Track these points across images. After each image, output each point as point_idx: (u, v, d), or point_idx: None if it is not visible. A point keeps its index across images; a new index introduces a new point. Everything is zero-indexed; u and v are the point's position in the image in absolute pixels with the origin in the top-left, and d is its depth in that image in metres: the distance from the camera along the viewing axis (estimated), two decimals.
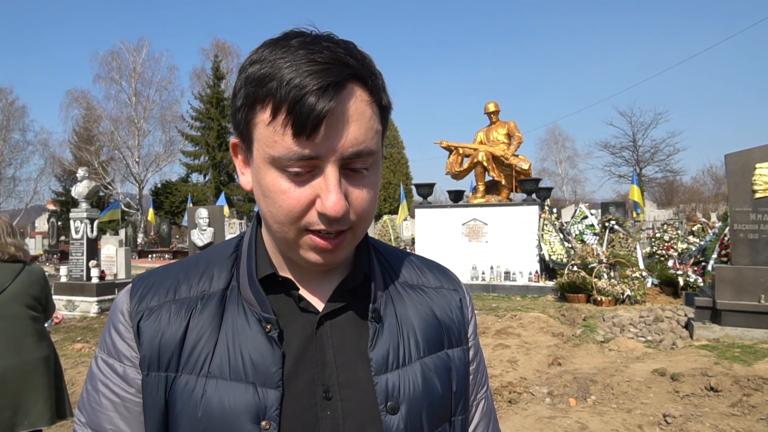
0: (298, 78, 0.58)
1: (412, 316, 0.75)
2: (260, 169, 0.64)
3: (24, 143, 35.00)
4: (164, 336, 0.68)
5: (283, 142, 0.60)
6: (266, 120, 0.60)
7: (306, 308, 0.71)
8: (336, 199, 0.61)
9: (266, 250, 0.73)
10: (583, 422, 4.19)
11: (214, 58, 35.88)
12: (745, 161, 6.63)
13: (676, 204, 38.93)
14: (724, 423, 4.05)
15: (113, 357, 0.70)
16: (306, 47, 0.60)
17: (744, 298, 6.42)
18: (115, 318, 0.71)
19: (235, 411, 0.64)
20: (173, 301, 0.70)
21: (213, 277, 0.72)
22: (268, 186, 0.63)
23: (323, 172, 0.61)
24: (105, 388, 0.70)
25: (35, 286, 2.77)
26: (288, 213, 0.63)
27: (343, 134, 0.60)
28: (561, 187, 43.89)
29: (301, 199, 0.62)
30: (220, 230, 10.67)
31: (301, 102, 0.58)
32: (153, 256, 23.18)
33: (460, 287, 0.84)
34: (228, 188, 33.15)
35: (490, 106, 13.23)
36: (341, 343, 0.70)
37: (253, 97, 0.61)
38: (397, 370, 0.70)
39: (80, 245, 10.24)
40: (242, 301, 0.70)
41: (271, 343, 0.67)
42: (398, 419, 0.68)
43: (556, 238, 11.38)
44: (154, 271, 0.75)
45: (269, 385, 0.65)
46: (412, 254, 0.87)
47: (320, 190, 0.62)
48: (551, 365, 5.97)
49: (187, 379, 0.66)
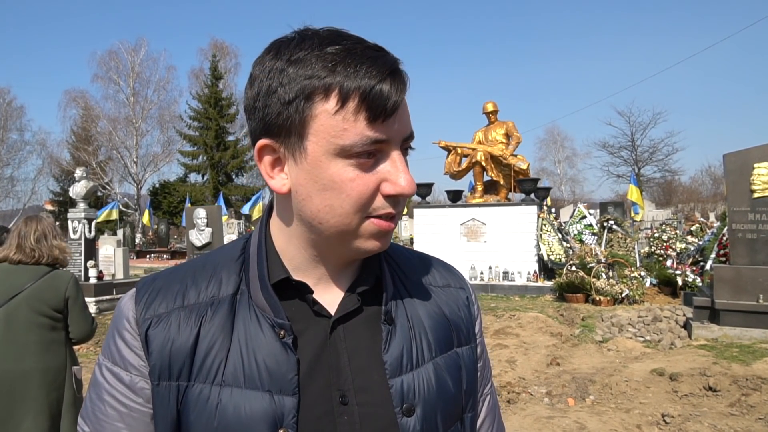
0: (362, 65, 0.60)
1: (423, 316, 0.75)
2: (320, 162, 0.62)
3: (22, 143, 34.92)
4: (174, 344, 0.66)
5: (354, 128, 0.60)
6: (332, 110, 0.60)
7: (319, 312, 0.70)
8: (410, 178, 0.64)
9: (277, 252, 0.72)
10: (581, 422, 4.19)
11: (213, 58, 35.81)
12: (744, 161, 6.64)
13: (675, 204, 38.97)
14: (723, 423, 4.05)
15: (119, 366, 0.68)
16: (345, 38, 0.63)
17: (742, 297, 6.42)
18: (121, 325, 0.69)
19: (252, 419, 0.63)
20: (182, 308, 0.68)
21: (221, 282, 0.71)
22: (332, 178, 0.62)
23: (388, 156, 0.64)
24: (110, 397, 0.68)
25: (52, 292, 2.59)
26: (357, 200, 0.63)
27: (405, 118, 0.64)
28: (559, 186, 43.92)
29: (370, 185, 0.63)
30: (218, 230, 10.66)
31: (376, 88, 0.59)
32: (151, 256, 23.15)
33: (465, 285, 0.84)
34: (226, 188, 33.08)
35: (489, 106, 13.22)
36: (355, 346, 0.69)
37: (310, 89, 0.61)
38: (411, 371, 0.70)
39: (78, 245, 10.21)
40: (253, 306, 0.68)
41: (286, 350, 0.66)
42: (414, 421, 0.68)
43: (554, 238, 11.38)
44: (159, 275, 0.74)
45: (285, 392, 0.64)
46: (418, 252, 0.86)
47: (387, 174, 0.63)
48: (550, 365, 5.97)
49: (201, 387, 0.65)
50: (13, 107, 34.31)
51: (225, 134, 35.34)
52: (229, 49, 37.61)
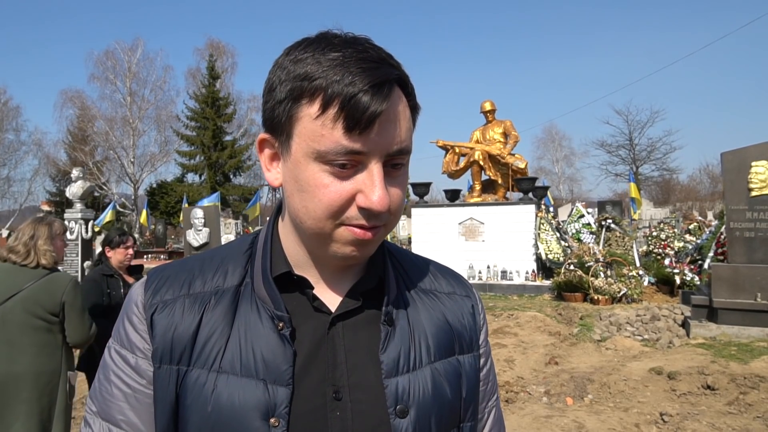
0: (351, 74, 0.60)
1: (424, 320, 0.75)
2: (299, 163, 0.64)
3: (18, 143, 34.89)
4: (177, 330, 0.68)
5: (331, 136, 0.60)
6: (314, 114, 0.61)
7: (319, 308, 0.71)
8: (382, 194, 0.62)
9: (282, 247, 0.73)
10: (580, 421, 4.18)
11: (209, 58, 35.76)
12: (741, 159, 6.64)
13: (673, 202, 39.11)
14: (721, 421, 4.04)
15: (126, 348, 0.71)
16: (351, 46, 0.62)
17: (740, 296, 6.43)
18: (130, 309, 0.72)
19: (244, 407, 0.65)
20: (187, 296, 0.71)
21: (227, 273, 0.73)
22: (307, 180, 0.63)
23: (367, 167, 0.63)
24: (117, 378, 0.70)
25: (48, 294, 2.57)
26: (328, 207, 0.63)
27: (391, 133, 0.62)
28: (558, 185, 43.99)
29: (343, 194, 0.63)
30: (215, 230, 10.63)
31: (356, 98, 0.59)
32: (148, 256, 23.09)
33: (472, 293, 0.84)
34: (224, 188, 33.05)
35: (487, 105, 13.23)
36: (353, 344, 0.70)
37: (299, 90, 0.62)
38: (407, 374, 0.70)
39: (75, 246, 10.19)
40: (256, 298, 0.70)
41: (283, 341, 0.67)
42: (407, 423, 0.68)
43: (552, 237, 11.39)
44: (170, 264, 0.76)
45: (280, 382, 0.66)
46: (426, 259, 0.87)
47: (363, 186, 0.63)
48: (548, 364, 5.96)
49: (199, 373, 0.67)
50: (9, 107, 34.30)
51: (222, 134, 35.29)
52: (226, 49, 37.60)
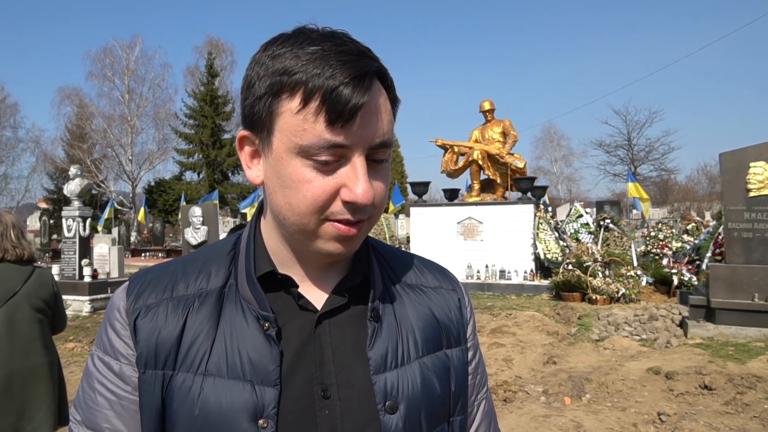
0: (331, 68, 0.59)
1: (411, 315, 0.75)
2: (281, 159, 0.63)
3: (15, 141, 34.76)
4: (161, 334, 0.67)
5: (313, 130, 0.60)
6: (295, 108, 0.60)
7: (305, 306, 0.70)
8: (366, 187, 0.62)
9: (265, 247, 0.73)
10: (578, 421, 4.19)
11: (208, 56, 35.70)
12: (740, 160, 6.66)
13: (671, 203, 39.17)
14: (718, 421, 4.06)
15: (109, 355, 0.69)
16: (330, 40, 0.62)
17: (738, 296, 6.45)
18: (112, 315, 0.70)
19: (232, 409, 0.64)
20: (170, 299, 0.69)
21: (211, 275, 0.72)
22: (290, 176, 0.63)
23: (350, 161, 0.62)
24: (101, 386, 0.69)
25: (44, 289, 2.69)
26: (312, 203, 0.62)
27: (373, 125, 0.62)
28: (556, 185, 44.04)
29: (327, 189, 0.62)
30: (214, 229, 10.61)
31: (337, 91, 0.58)
32: (146, 254, 23.07)
33: (458, 287, 0.84)
34: (222, 186, 33.00)
35: (486, 105, 13.22)
36: (340, 341, 0.69)
37: (279, 85, 0.61)
38: (395, 369, 0.70)
39: (72, 244, 10.16)
40: (240, 299, 0.69)
41: (269, 341, 0.66)
42: (397, 419, 0.67)
43: (551, 236, 11.40)
44: (151, 269, 0.75)
45: (267, 383, 0.65)
46: (411, 254, 0.87)
47: (347, 180, 0.62)
48: (546, 364, 5.97)
49: (184, 377, 0.66)
50: (6, 104, 34.17)
51: (221, 132, 35.26)
52: (225, 47, 37.56)
